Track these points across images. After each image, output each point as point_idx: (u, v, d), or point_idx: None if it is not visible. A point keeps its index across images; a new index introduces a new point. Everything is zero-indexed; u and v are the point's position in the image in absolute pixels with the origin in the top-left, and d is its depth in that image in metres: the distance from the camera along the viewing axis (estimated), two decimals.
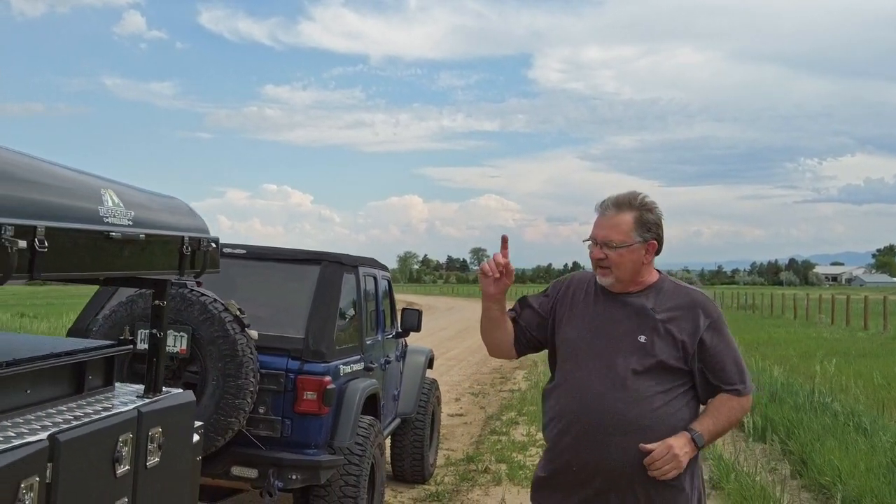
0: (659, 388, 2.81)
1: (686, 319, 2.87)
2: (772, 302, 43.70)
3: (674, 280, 3.02)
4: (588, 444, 2.81)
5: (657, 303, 2.89)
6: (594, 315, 2.94)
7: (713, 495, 6.96)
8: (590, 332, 2.91)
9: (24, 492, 2.17)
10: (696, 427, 2.81)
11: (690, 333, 2.84)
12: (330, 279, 5.44)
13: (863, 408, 9.24)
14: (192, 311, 4.68)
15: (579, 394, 2.86)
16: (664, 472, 2.72)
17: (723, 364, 2.86)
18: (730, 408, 2.87)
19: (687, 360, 2.84)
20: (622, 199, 2.90)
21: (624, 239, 2.85)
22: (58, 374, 2.84)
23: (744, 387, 2.89)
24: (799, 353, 16.20)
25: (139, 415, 2.85)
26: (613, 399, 2.79)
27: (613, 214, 2.88)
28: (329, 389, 4.95)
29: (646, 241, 2.87)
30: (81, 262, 2.47)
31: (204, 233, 3.28)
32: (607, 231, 2.87)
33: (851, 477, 6.27)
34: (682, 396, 2.85)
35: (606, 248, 2.86)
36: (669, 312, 2.88)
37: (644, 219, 2.88)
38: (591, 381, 2.84)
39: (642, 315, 2.87)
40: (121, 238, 2.61)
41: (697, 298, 2.93)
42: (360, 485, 5.15)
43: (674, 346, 2.83)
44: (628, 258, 2.86)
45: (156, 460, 2.94)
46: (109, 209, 2.61)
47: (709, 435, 2.83)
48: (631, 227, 2.86)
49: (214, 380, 4.64)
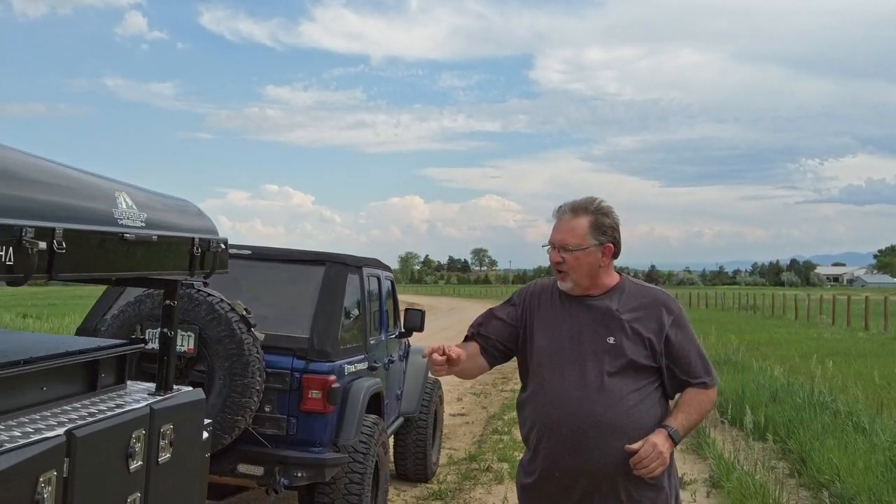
0: (632, 387, 2.89)
1: (650, 318, 2.95)
2: (772, 302, 43.72)
3: (634, 280, 3.10)
4: (569, 448, 2.88)
5: (621, 304, 2.97)
6: (562, 321, 3.01)
7: (713, 494, 7.04)
8: (560, 338, 2.98)
9: (42, 485, 2.24)
10: (672, 423, 2.88)
11: (656, 331, 2.93)
12: (334, 280, 5.51)
13: (862, 407, 9.29)
14: (199, 310, 4.75)
15: (557, 400, 2.92)
16: (651, 470, 2.79)
17: (688, 359, 2.95)
18: (699, 401, 2.95)
19: (655, 358, 2.92)
20: (578, 205, 2.98)
21: (580, 242, 2.93)
22: (72, 373, 2.91)
23: (710, 379, 2.98)
24: (799, 354, 16.22)
25: (151, 412, 2.92)
26: (590, 402, 2.86)
27: (569, 219, 2.96)
28: (334, 388, 5.02)
29: (602, 244, 2.95)
30: (97, 263, 2.54)
31: (213, 234, 3.35)
32: (564, 235, 2.95)
33: (850, 475, 6.33)
34: (653, 394, 2.94)
35: (563, 251, 2.94)
36: (634, 312, 2.95)
37: (599, 222, 2.95)
38: (567, 386, 2.91)
39: (608, 317, 2.95)
40: (134, 239, 2.68)
41: (659, 296, 3.02)
42: (364, 482, 5.22)
43: (642, 345, 2.91)
44: (584, 261, 2.94)
45: (167, 456, 3.01)
46: (123, 211, 2.68)
47: (683, 430, 2.91)
48: (586, 230, 2.93)
49: (221, 379, 4.71)
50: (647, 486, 2.87)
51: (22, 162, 2.31)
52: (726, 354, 15.88)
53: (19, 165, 2.29)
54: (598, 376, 2.89)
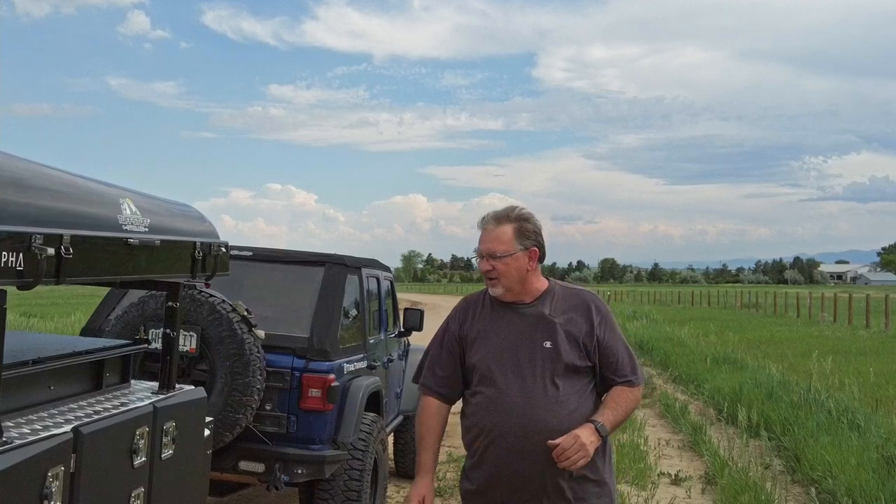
0: (571, 390, 2.97)
1: (581, 319, 3.04)
2: (775, 301, 43.77)
3: (562, 284, 3.18)
4: (516, 454, 2.95)
5: (553, 308, 3.06)
6: (498, 329, 3.09)
7: (708, 490, 7.13)
8: (499, 347, 3.06)
9: (50, 479, 2.35)
10: (599, 418, 2.94)
11: (587, 332, 3.02)
12: (334, 280, 5.61)
13: (857, 405, 9.38)
14: (201, 311, 4.86)
15: (501, 408, 2.99)
16: (573, 462, 2.85)
17: (616, 357, 3.04)
18: (626, 398, 3.02)
19: (590, 357, 3.01)
20: (500, 213, 3.08)
21: (506, 248, 3.02)
22: (78, 372, 3.03)
23: (635, 377, 3.06)
24: (800, 352, 16.33)
25: (154, 410, 3.03)
26: (533, 408, 2.94)
27: (494, 227, 3.06)
28: (333, 387, 5.12)
29: (527, 248, 3.04)
30: (103, 267, 2.65)
31: (214, 238, 3.46)
32: (491, 243, 3.04)
33: (842, 471, 6.43)
34: (590, 394, 3.03)
35: (492, 259, 3.03)
36: (566, 315, 3.04)
37: (523, 228, 3.05)
38: (510, 393, 2.99)
39: (542, 322, 3.03)
40: (138, 244, 2.79)
41: (587, 297, 3.11)
42: (363, 479, 5.32)
43: (577, 347, 3.00)
44: (513, 266, 3.03)
45: (170, 452, 3.12)
46: (128, 217, 2.79)
47: (611, 424, 2.97)
48: (511, 237, 3.03)
49: (223, 378, 4.81)
50: (591, 482, 2.97)
51: (30, 171, 2.42)
52: (725, 353, 15.98)
53: (28, 174, 2.40)
54: (539, 382, 2.97)
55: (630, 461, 7.61)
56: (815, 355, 12.85)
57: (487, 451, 3.03)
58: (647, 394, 12.93)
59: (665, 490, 7.14)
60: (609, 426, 2.95)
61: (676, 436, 9.65)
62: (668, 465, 8.10)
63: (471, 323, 3.17)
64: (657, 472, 7.65)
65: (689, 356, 15.84)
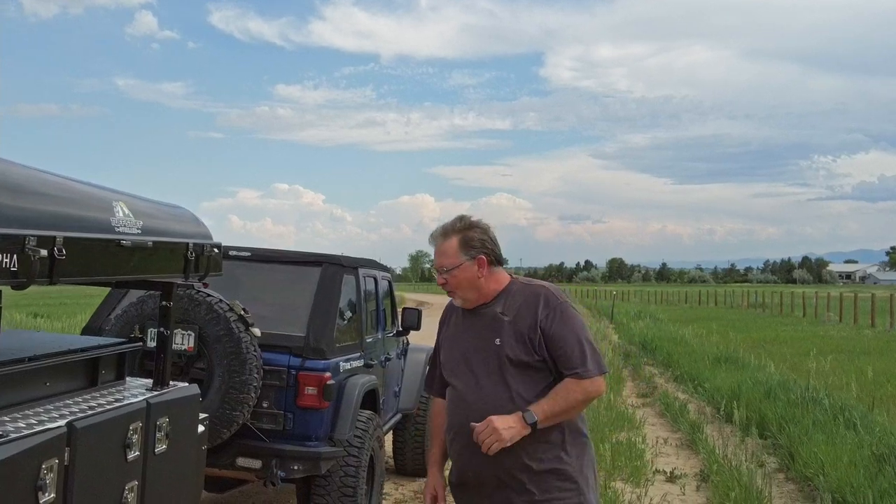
0: (523, 387, 3.02)
1: (527, 313, 3.07)
2: (781, 300, 43.74)
3: (521, 280, 3.22)
4: (474, 451, 3.01)
5: (506, 306, 3.12)
6: (461, 332, 3.20)
7: (702, 487, 7.21)
8: (459, 348, 3.18)
9: (45, 472, 2.45)
10: (531, 407, 2.97)
11: (531, 325, 3.04)
12: (330, 280, 5.71)
13: (854, 403, 9.44)
14: (198, 310, 4.96)
15: (459, 405, 3.11)
16: (487, 445, 2.91)
17: (563, 349, 3.02)
18: (567, 390, 2.99)
19: (536, 351, 3.02)
20: (447, 227, 3.15)
21: (453, 262, 3.09)
22: (74, 369, 3.13)
23: (584, 370, 3.00)
24: (802, 351, 16.37)
25: (148, 405, 3.13)
26: (484, 405, 3.02)
27: (441, 242, 3.13)
28: (329, 385, 5.21)
29: (473, 257, 3.09)
30: (95, 268, 2.75)
31: (207, 239, 3.57)
32: (439, 258, 3.13)
33: (834, 469, 6.50)
34: (547, 390, 3.03)
35: (444, 273, 3.12)
36: (516, 311, 3.09)
37: (467, 238, 3.10)
38: (466, 392, 3.10)
39: (495, 321, 3.10)
40: (131, 245, 2.89)
41: (538, 291, 3.13)
42: (359, 475, 5.41)
43: (522, 342, 3.04)
44: (462, 277, 3.10)
45: (163, 447, 3.22)
46: (120, 219, 2.89)
47: (543, 414, 2.95)
48: (456, 249, 3.09)
49: (220, 376, 4.91)
50: (556, 476, 3.01)
51: (24, 175, 2.53)
52: (726, 352, 16.03)
53: (22, 178, 2.50)
54: (489, 380, 3.05)
55: (626, 459, 7.69)
56: (812, 354, 12.88)
57: (453, 447, 3.17)
58: (648, 392, 13.01)
59: (660, 487, 7.22)
60: (542, 415, 2.94)
61: (675, 434, 9.73)
62: (664, 462, 8.18)
63: (446, 327, 3.32)
64: (653, 469, 7.72)
65: (692, 356, 15.89)
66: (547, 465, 3.02)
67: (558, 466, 3.03)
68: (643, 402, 12.19)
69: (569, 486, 3.03)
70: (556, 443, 3.04)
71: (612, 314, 34.87)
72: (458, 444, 3.12)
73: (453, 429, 3.15)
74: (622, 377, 14.63)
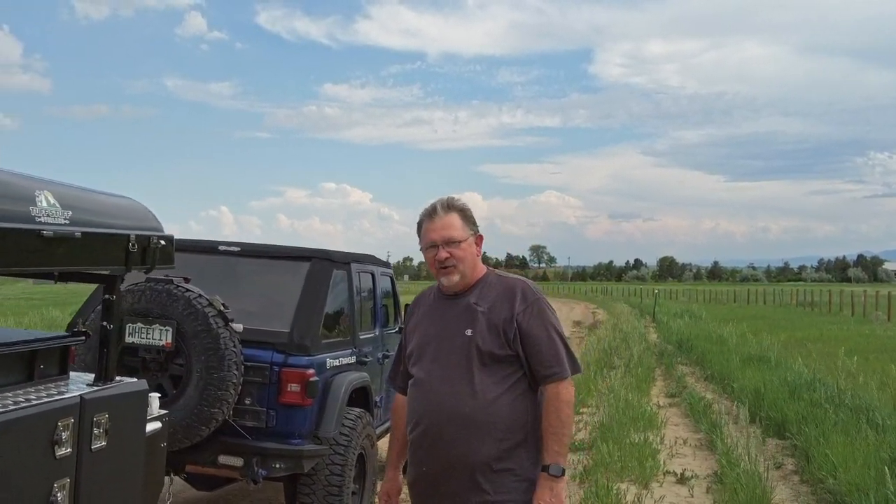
0: (492, 380, 2.93)
1: (503, 306, 2.99)
2: (830, 298, 42.85)
3: (498, 273, 3.16)
4: (431, 442, 2.96)
5: (480, 296, 3.03)
6: (431, 320, 3.11)
7: (714, 489, 6.98)
8: (427, 336, 3.08)
9: None
10: (547, 459, 2.90)
11: (507, 318, 2.96)
12: (318, 275, 5.62)
13: (879, 403, 9.09)
14: (177, 306, 4.90)
15: (422, 396, 3.02)
16: None
17: (538, 347, 2.94)
18: (556, 409, 2.92)
19: (510, 345, 2.94)
20: (444, 202, 3.08)
21: (461, 234, 3.03)
22: (8, 363, 3.06)
23: (561, 370, 2.94)
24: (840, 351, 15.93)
25: (82, 401, 3.05)
26: (450, 396, 2.93)
27: (444, 215, 3.05)
28: (312, 382, 5.12)
29: (475, 233, 3.08)
30: (12, 259, 2.67)
31: (155, 231, 3.48)
32: (446, 230, 3.03)
33: (846, 471, 6.24)
34: (516, 386, 2.95)
35: (450, 246, 3.01)
36: (490, 303, 3.01)
37: (468, 215, 3.08)
38: (432, 382, 3.00)
39: (468, 311, 3.01)
40: (53, 236, 2.81)
41: (515, 285, 3.05)
42: (345, 474, 5.31)
43: (495, 335, 2.95)
44: (468, 252, 3.04)
45: (102, 444, 3.13)
46: (43, 209, 2.81)
47: (562, 457, 2.91)
48: (462, 223, 3.05)
49: (198, 372, 4.85)
50: (513, 476, 2.93)
51: None
52: (760, 351, 15.64)
53: None
54: (458, 370, 2.96)
55: (636, 460, 7.49)
56: (841, 352, 12.51)
57: (413, 437, 3.07)
58: (677, 392, 12.71)
59: (668, 489, 7.01)
60: (562, 459, 2.91)
61: (696, 434, 9.48)
62: (679, 463, 7.95)
63: (415, 317, 3.23)
64: (663, 470, 7.51)
65: (726, 355, 15.54)
66: (505, 464, 2.93)
67: (514, 467, 2.95)
68: (671, 402, 11.91)
69: (524, 486, 2.95)
70: (518, 442, 2.95)
71: (654, 313, 34.42)
72: (420, 433, 3.03)
73: (415, 418, 3.06)
74: (653, 377, 14.35)
